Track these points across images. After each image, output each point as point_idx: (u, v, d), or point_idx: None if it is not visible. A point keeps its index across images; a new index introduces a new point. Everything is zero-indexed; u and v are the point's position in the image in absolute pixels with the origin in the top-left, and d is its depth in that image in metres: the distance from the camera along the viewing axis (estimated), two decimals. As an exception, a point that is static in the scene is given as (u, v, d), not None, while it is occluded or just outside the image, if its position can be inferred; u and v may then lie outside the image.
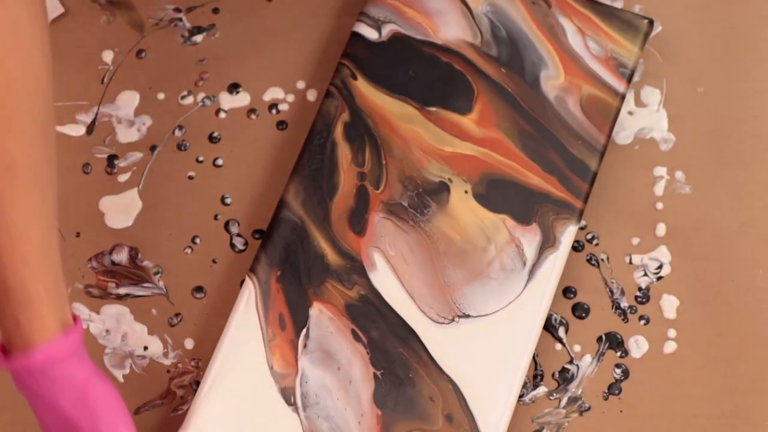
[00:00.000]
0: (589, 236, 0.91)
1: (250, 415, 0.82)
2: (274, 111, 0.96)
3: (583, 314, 0.90)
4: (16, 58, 0.68)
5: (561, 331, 0.89)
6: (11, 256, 0.69)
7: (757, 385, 0.87)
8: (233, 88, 0.96)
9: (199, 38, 0.98)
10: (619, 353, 0.88)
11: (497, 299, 0.85)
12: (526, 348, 0.84)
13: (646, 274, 0.90)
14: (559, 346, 0.89)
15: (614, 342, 0.89)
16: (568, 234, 0.87)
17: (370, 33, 0.92)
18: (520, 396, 0.87)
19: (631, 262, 0.91)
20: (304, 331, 0.83)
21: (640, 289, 0.90)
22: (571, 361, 0.88)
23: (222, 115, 0.96)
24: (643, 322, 0.89)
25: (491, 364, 0.83)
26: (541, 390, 0.87)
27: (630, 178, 0.93)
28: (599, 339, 0.89)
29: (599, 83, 0.90)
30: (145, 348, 0.89)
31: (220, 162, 0.94)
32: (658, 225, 0.92)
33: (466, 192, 0.87)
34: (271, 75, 0.97)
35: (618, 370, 0.88)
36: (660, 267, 0.91)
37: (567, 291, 0.90)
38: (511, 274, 0.85)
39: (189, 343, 0.89)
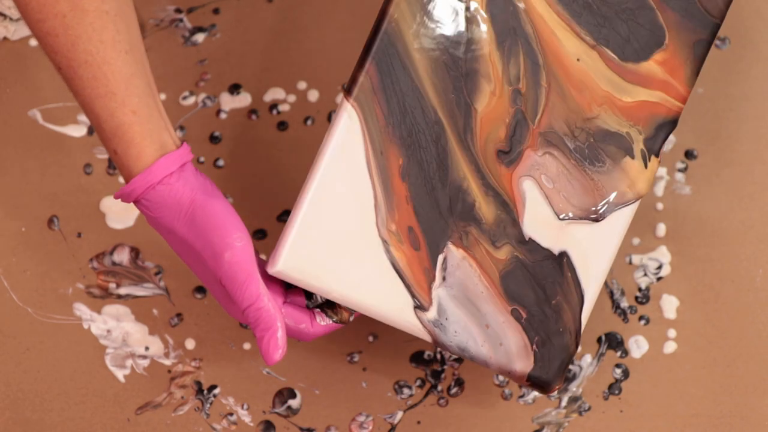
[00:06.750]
0: (589, 236, 0.91)
1: (350, 266, 0.70)
2: (274, 111, 0.96)
3: (584, 314, 0.90)
4: None
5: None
6: (95, 88, 0.72)
7: (757, 385, 0.87)
8: (234, 88, 0.97)
9: (199, 38, 0.98)
10: (619, 353, 0.88)
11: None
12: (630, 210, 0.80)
13: (646, 274, 0.90)
14: (559, 346, 0.89)
15: (614, 342, 0.89)
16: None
17: None
18: (521, 395, 0.87)
19: (631, 263, 0.91)
20: (441, 259, 0.69)
21: (640, 289, 0.90)
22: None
23: (223, 115, 0.96)
24: (643, 322, 0.89)
25: (605, 239, 0.79)
26: (542, 390, 0.87)
27: (630, 178, 0.93)
28: (599, 339, 0.89)
29: None
30: (146, 348, 0.89)
31: (221, 163, 0.94)
32: (658, 225, 0.92)
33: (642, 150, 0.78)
34: (271, 75, 0.97)
35: (618, 370, 0.88)
36: (660, 267, 0.91)
37: (567, 291, 0.90)
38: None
39: (190, 344, 0.89)
